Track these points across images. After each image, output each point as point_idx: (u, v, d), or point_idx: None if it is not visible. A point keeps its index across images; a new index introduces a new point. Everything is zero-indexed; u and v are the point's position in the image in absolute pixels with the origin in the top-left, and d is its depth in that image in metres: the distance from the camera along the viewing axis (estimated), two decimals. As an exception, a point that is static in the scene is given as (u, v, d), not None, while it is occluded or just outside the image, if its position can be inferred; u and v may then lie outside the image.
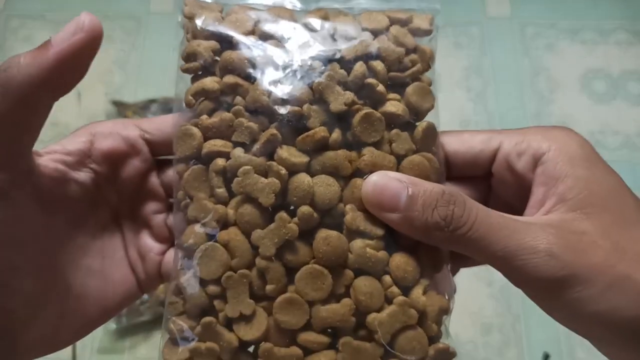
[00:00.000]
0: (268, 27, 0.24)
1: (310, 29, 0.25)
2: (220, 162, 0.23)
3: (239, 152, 0.23)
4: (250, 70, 0.24)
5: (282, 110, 0.23)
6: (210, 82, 0.24)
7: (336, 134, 0.23)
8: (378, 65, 0.24)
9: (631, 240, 0.22)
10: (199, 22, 0.24)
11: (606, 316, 0.21)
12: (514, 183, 0.26)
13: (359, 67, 0.24)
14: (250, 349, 0.23)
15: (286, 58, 0.24)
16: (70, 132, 0.26)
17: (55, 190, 0.23)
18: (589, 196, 0.23)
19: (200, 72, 0.24)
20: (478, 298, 0.70)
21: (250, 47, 0.24)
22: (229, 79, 0.24)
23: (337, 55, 0.24)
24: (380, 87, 0.24)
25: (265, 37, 0.24)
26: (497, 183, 0.27)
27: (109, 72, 0.85)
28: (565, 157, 0.24)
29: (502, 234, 0.22)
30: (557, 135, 0.25)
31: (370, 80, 0.24)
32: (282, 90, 0.23)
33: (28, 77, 0.21)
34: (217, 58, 0.24)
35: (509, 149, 0.25)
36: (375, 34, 0.25)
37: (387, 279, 0.23)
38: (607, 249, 0.22)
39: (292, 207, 0.23)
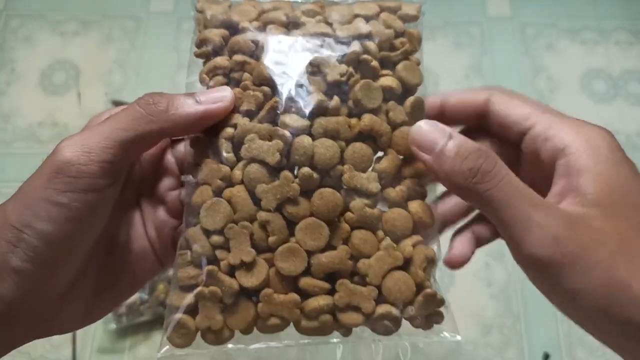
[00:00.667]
0: (270, 14, 0.27)
1: (308, 15, 0.27)
2: (229, 130, 0.25)
3: (245, 121, 0.25)
4: (255, 50, 0.26)
5: (284, 81, 0.25)
6: (221, 60, 0.26)
7: (335, 101, 0.25)
8: (371, 44, 0.26)
9: None
10: (209, 14, 0.27)
11: (598, 314, 0.22)
12: (538, 165, 0.26)
13: (354, 45, 0.26)
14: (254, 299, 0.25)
15: (286, 39, 0.26)
16: (70, 132, 0.28)
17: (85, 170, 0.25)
18: (609, 195, 0.23)
19: (211, 57, 0.27)
20: (478, 298, 0.70)
21: (255, 31, 0.27)
22: (238, 57, 0.26)
23: (333, 35, 0.26)
24: (375, 63, 0.26)
25: (268, 22, 0.27)
26: (525, 161, 0.28)
27: (109, 72, 0.85)
28: (590, 152, 0.24)
29: (522, 201, 0.23)
30: (588, 131, 0.25)
31: (365, 56, 0.26)
32: (283, 66, 0.26)
33: (176, 120, 0.25)
34: (226, 44, 0.27)
35: (538, 132, 0.26)
36: (367, 19, 0.27)
37: (380, 232, 0.25)
38: (613, 249, 0.22)
39: (295, 170, 0.25)
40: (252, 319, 0.24)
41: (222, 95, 0.25)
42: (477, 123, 0.28)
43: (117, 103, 0.79)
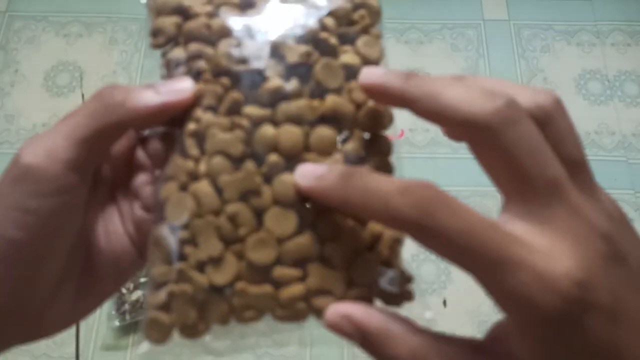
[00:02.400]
0: None
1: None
2: (191, 126, 0.25)
3: (207, 116, 0.24)
4: (210, 36, 0.25)
5: (241, 68, 0.25)
6: (176, 52, 0.25)
7: (294, 84, 0.24)
8: (328, 20, 0.25)
9: None
10: (160, 0, 0.26)
11: None
12: None
13: (310, 23, 0.25)
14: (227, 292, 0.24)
15: (241, 21, 0.25)
16: None
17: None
18: None
19: (167, 46, 0.26)
20: (475, 295, 0.70)
21: (208, 16, 0.26)
22: (193, 46, 0.25)
23: (287, 13, 0.25)
24: (333, 40, 0.25)
25: (220, 4, 0.26)
26: None
27: (112, 74, 0.86)
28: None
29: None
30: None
31: (323, 34, 0.25)
32: (240, 51, 0.25)
33: (134, 112, 0.24)
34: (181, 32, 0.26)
35: None
36: None
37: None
38: None
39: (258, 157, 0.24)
40: (227, 313, 0.24)
41: (182, 87, 0.24)
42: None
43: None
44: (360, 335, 0.21)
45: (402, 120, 0.32)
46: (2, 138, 0.82)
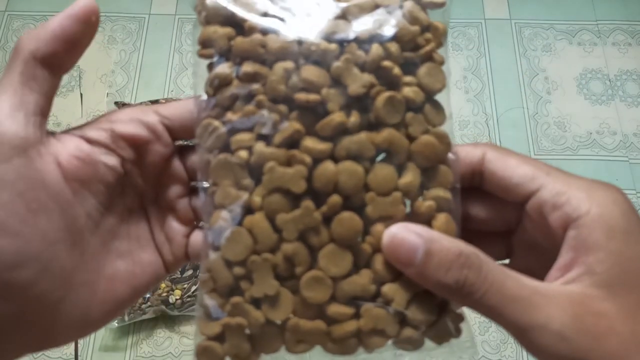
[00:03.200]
0: (282, 6, 0.24)
1: (324, 7, 0.24)
2: (243, 154, 0.24)
3: (261, 146, 0.23)
4: (266, 56, 0.24)
5: (301, 96, 0.23)
6: (225, 68, 0.24)
7: (354, 117, 0.23)
8: (392, 46, 0.24)
9: None
10: (210, 3, 0.24)
11: None
12: (543, 231, 0.24)
13: (376, 50, 0.23)
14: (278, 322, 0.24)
15: (301, 41, 0.23)
16: None
17: (81, 170, 0.24)
18: (619, 274, 0.21)
19: (215, 59, 0.25)
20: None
21: (264, 32, 0.24)
22: (247, 67, 0.24)
23: (352, 36, 0.24)
24: (397, 70, 0.24)
25: (278, 18, 0.24)
26: (527, 221, 0.26)
27: (111, 73, 0.85)
28: (604, 226, 0.22)
29: (514, 307, 0.21)
30: (602, 197, 0.23)
31: (387, 63, 0.24)
32: (299, 76, 0.23)
33: (33, 48, 0.23)
34: (232, 43, 0.24)
35: (546, 197, 0.24)
36: (389, 11, 0.24)
37: None
38: (624, 337, 0.21)
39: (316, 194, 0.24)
40: (280, 345, 0.24)
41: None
42: (471, 182, 0.26)
43: (119, 104, 0.80)
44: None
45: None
46: (0, 138, 0.82)
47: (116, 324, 0.67)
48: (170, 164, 0.27)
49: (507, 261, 0.28)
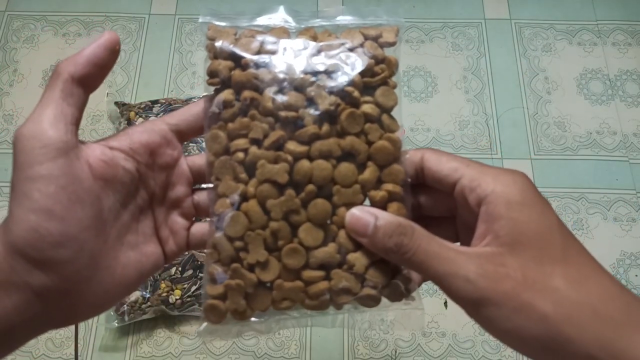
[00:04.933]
0: (270, 47, 0.32)
1: (302, 47, 0.33)
2: (240, 155, 0.32)
3: (254, 149, 0.32)
4: (258, 84, 0.32)
5: (284, 113, 0.31)
6: (226, 95, 0.32)
7: (326, 127, 0.32)
8: (355, 76, 0.32)
9: (543, 275, 0.27)
10: (218, 45, 0.32)
11: (515, 333, 0.27)
12: (469, 211, 0.31)
13: (340, 78, 0.32)
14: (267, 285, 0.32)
15: (284, 72, 0.32)
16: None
17: (106, 171, 0.29)
18: (516, 235, 0.28)
19: (219, 86, 0.33)
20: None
21: (257, 65, 0.32)
22: (246, 94, 0.32)
23: (323, 69, 0.32)
24: (356, 93, 0.32)
25: (268, 55, 0.32)
26: (459, 206, 0.32)
27: (111, 73, 0.84)
28: (504, 200, 0.29)
29: (436, 262, 0.28)
30: (504, 179, 0.29)
31: (348, 88, 0.32)
32: (282, 98, 0.31)
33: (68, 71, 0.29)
34: (232, 74, 0.32)
35: (465, 183, 0.30)
36: (352, 49, 0.33)
37: None
38: (517, 281, 0.27)
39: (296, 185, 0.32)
40: (269, 302, 0.32)
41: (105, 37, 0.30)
42: (416, 178, 0.33)
43: (119, 104, 0.80)
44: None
45: (403, 120, 0.36)
46: (1, 138, 0.82)
47: (116, 324, 0.67)
48: (177, 166, 0.33)
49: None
